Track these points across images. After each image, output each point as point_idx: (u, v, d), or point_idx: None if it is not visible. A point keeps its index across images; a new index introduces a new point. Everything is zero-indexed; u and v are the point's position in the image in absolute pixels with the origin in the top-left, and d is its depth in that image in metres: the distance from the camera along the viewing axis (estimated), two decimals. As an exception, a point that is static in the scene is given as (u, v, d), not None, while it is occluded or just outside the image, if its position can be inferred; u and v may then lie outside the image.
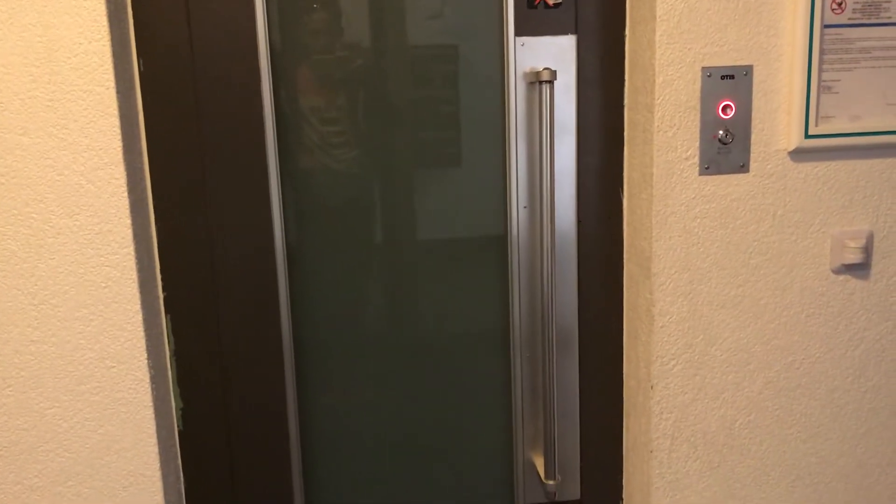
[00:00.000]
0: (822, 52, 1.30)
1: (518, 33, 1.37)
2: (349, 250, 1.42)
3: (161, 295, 1.36)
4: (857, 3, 1.29)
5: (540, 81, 1.33)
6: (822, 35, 1.29)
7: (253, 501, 1.46)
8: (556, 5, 1.37)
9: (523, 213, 1.43)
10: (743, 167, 1.33)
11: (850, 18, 1.29)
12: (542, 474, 1.47)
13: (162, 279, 1.35)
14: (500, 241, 1.46)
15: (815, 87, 1.31)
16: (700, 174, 1.32)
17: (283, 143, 1.37)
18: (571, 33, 1.38)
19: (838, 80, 1.31)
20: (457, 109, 1.40)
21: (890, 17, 1.31)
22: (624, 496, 1.54)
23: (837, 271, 1.39)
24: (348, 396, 1.48)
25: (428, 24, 1.37)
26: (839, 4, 1.29)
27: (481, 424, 1.52)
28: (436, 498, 1.54)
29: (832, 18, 1.29)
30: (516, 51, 1.38)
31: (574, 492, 1.54)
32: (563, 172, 1.42)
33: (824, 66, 1.31)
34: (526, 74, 1.38)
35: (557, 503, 1.54)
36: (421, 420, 1.51)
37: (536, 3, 1.36)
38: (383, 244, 1.43)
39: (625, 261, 1.46)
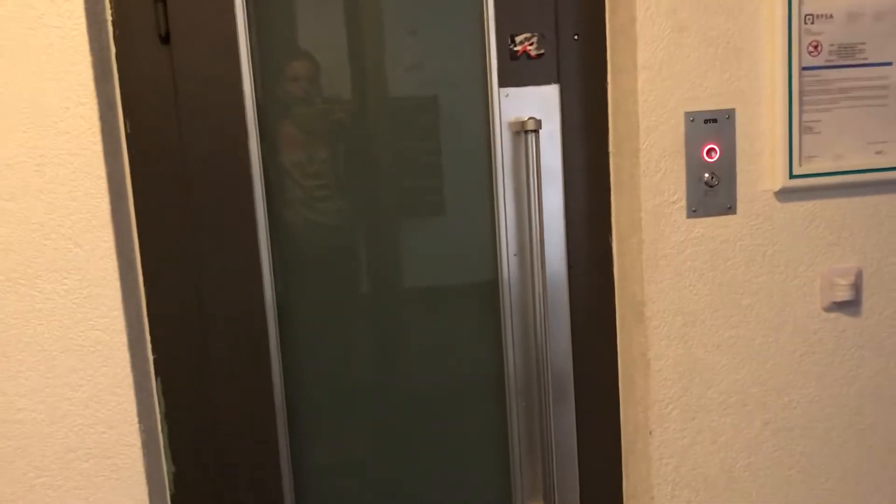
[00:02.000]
0: (801, 93, 1.32)
1: (502, 84, 1.39)
2: (340, 303, 1.42)
3: (151, 357, 1.34)
4: (833, 45, 1.32)
5: (525, 131, 1.35)
6: (800, 77, 1.31)
7: (248, 565, 1.42)
8: (539, 56, 1.39)
9: (513, 261, 1.43)
10: (730, 209, 1.34)
11: (826, 60, 1.32)
12: (542, 525, 1.45)
13: (151, 341, 1.34)
14: (492, 289, 1.45)
15: (797, 128, 1.33)
16: (688, 217, 1.33)
17: (272, 198, 1.37)
18: (554, 83, 1.40)
19: (819, 121, 1.33)
20: (445, 159, 1.41)
21: (865, 59, 1.33)
22: (626, 544, 1.52)
23: (829, 309, 1.39)
24: (343, 451, 1.46)
25: (414, 77, 1.39)
26: (815, 47, 1.32)
27: (479, 474, 1.50)
28: (435, 554, 1.51)
29: (809, 61, 1.32)
30: (500, 101, 1.39)
31: (576, 542, 1.52)
32: (552, 219, 1.43)
33: (805, 107, 1.33)
34: (511, 124, 1.40)
35: (559, 554, 1.52)
36: (417, 471, 1.48)
37: (519, 54, 1.38)
38: (375, 295, 1.43)
39: (617, 305, 1.46)
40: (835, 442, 1.43)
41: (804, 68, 1.31)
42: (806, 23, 1.31)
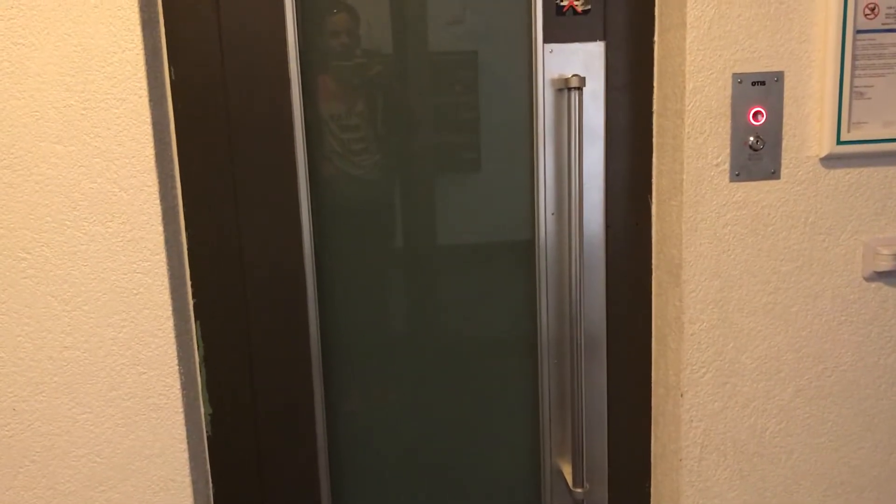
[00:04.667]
0: (854, 57, 1.29)
1: (546, 40, 1.37)
2: (376, 256, 1.43)
3: (191, 301, 1.36)
4: (891, 8, 1.28)
5: (568, 88, 1.33)
6: (854, 40, 1.28)
7: (281, 507, 1.46)
8: (585, 12, 1.36)
9: (551, 220, 1.43)
10: (774, 174, 1.32)
11: (883, 24, 1.28)
12: (569, 482, 1.46)
13: (192, 286, 1.36)
14: (528, 247, 1.45)
15: (848, 93, 1.30)
16: (731, 181, 1.31)
17: (312, 149, 1.37)
18: (600, 40, 1.38)
19: (871, 86, 1.30)
20: (484, 116, 1.40)
21: (924, 22, 1.30)
22: (652, 504, 1.54)
23: (870, 279, 1.37)
24: (376, 401, 1.48)
25: (455, 32, 1.37)
26: (872, 10, 1.28)
27: (508, 431, 1.52)
28: (463, 505, 1.54)
29: (865, 24, 1.28)
30: (545, 57, 1.37)
31: (602, 499, 1.53)
32: (592, 178, 1.42)
33: (857, 72, 1.30)
34: (554, 81, 1.38)
35: (585, 511, 1.54)
36: (448, 426, 1.50)
37: (565, 9, 1.36)
38: (411, 250, 1.44)
39: (654, 268, 1.45)
40: (868, 412, 1.42)
41: (859, 31, 1.28)
42: (863, -16, 1.27)
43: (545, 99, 1.39)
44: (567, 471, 1.49)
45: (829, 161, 1.33)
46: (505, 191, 1.43)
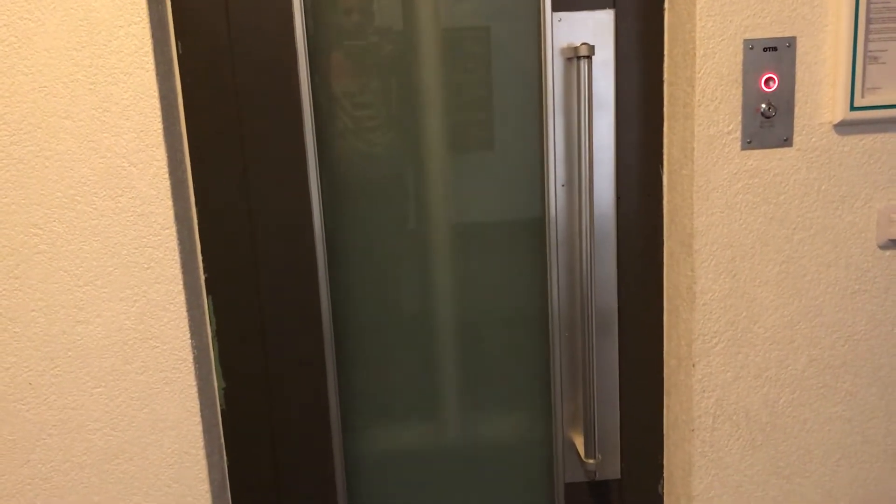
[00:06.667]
0: (868, 21, 1.26)
1: (555, 8, 1.35)
2: (387, 233, 1.43)
3: (202, 276, 1.37)
4: (906, -31, 1.25)
5: (578, 57, 1.32)
6: (868, 3, 1.26)
7: (295, 480, 1.47)
8: (594, -21, 1.35)
9: (561, 192, 1.42)
10: (786, 141, 1.30)
11: (898, -14, 1.26)
12: (582, 453, 1.47)
13: (203, 260, 1.37)
14: (538, 221, 1.45)
15: (861, 58, 1.28)
16: (742, 149, 1.30)
17: (321, 126, 1.37)
18: (609, 7, 1.36)
19: (885, 50, 1.28)
20: (495, 90, 1.39)
21: (940, -16, 1.27)
22: (665, 475, 1.54)
23: (884, 246, 1.36)
24: (387, 375, 1.49)
25: (465, 6, 1.36)
26: (886, -28, 1.25)
27: (521, 405, 1.52)
28: (475, 477, 1.54)
29: (879, -14, 1.26)
30: (553, 26, 1.36)
31: (614, 470, 1.53)
32: (602, 149, 1.41)
33: (871, 36, 1.27)
34: (563, 50, 1.37)
35: (598, 482, 1.54)
36: (459, 400, 1.51)
37: (574, -23, 1.35)
38: (421, 227, 1.43)
39: (665, 238, 1.44)
40: (883, 381, 1.41)
41: (873, -6, 1.26)
42: (878, -55, 1.25)
43: (554, 69, 1.37)
44: (579, 442, 1.49)
45: (843, 127, 1.31)
46: (515, 165, 1.43)
